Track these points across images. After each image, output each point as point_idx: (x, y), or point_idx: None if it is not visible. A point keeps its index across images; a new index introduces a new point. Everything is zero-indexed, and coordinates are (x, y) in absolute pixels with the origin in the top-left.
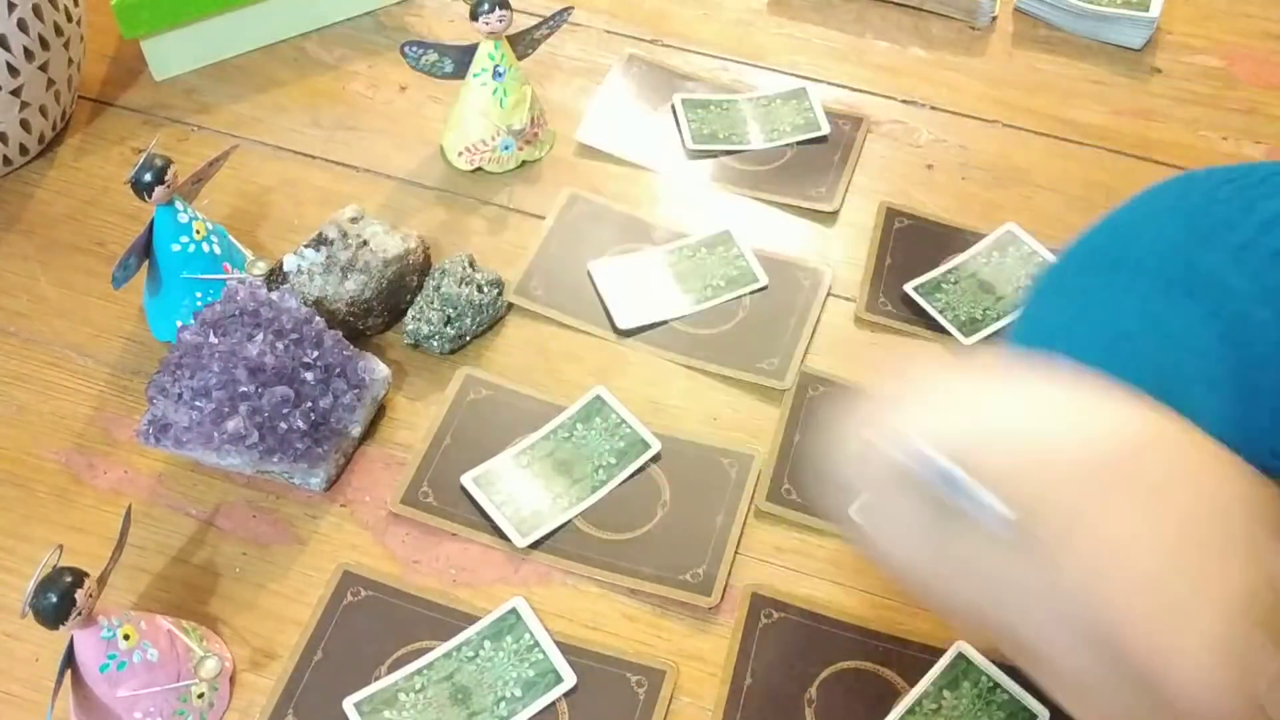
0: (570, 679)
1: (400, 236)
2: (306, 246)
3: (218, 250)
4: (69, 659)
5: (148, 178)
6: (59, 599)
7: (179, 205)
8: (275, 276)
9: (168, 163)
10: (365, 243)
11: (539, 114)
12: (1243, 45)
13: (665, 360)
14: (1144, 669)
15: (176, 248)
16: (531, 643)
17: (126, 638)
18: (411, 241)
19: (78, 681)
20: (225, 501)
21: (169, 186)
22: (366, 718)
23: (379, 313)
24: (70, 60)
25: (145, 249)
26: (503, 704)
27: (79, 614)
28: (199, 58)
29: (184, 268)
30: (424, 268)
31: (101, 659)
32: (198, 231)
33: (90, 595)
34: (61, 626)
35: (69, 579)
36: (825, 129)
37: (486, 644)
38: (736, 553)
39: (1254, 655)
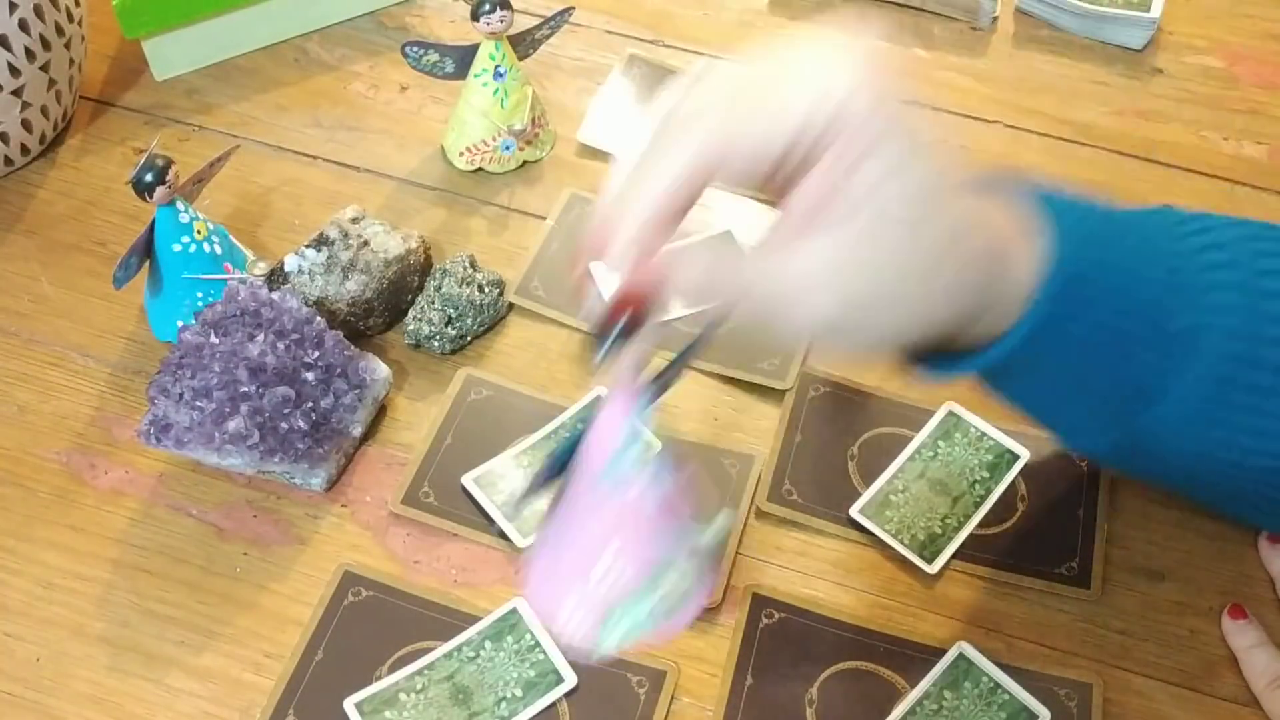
0: (571, 679)
1: (401, 237)
2: (307, 247)
3: (219, 250)
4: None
5: (149, 178)
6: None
7: (180, 205)
8: (276, 277)
9: (169, 163)
10: (366, 243)
11: (540, 114)
12: (1244, 46)
13: (666, 360)
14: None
15: (178, 248)
16: (532, 643)
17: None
18: (413, 242)
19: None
20: (226, 502)
21: (170, 187)
22: (367, 717)
23: (380, 313)
24: (71, 60)
25: (146, 249)
26: (503, 704)
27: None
28: (200, 58)
29: (185, 268)
30: (425, 268)
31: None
32: (199, 232)
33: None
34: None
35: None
36: None
37: (487, 644)
38: (737, 553)
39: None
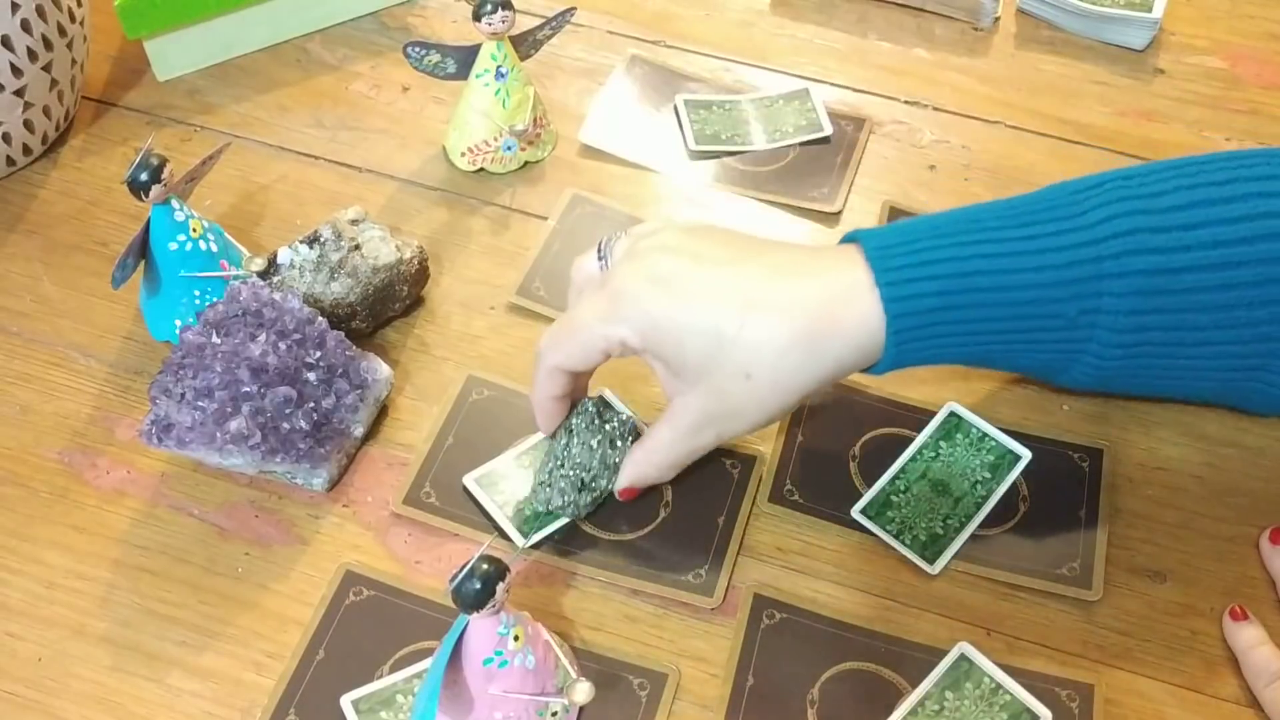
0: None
1: (397, 245)
2: (302, 242)
3: (214, 248)
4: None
5: (144, 177)
6: (483, 586)
7: (175, 204)
8: (271, 268)
9: (163, 161)
10: (358, 247)
11: (541, 114)
12: (1246, 46)
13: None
14: None
15: (174, 246)
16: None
17: (516, 639)
18: (408, 251)
19: (454, 664)
20: (228, 502)
21: (165, 185)
22: (364, 716)
23: (363, 318)
24: (74, 61)
25: (142, 249)
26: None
27: (494, 607)
28: (202, 58)
29: (182, 266)
30: (420, 279)
31: (489, 652)
32: (194, 229)
33: (507, 591)
34: (476, 614)
35: (494, 570)
36: (828, 130)
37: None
38: (739, 553)
39: None
